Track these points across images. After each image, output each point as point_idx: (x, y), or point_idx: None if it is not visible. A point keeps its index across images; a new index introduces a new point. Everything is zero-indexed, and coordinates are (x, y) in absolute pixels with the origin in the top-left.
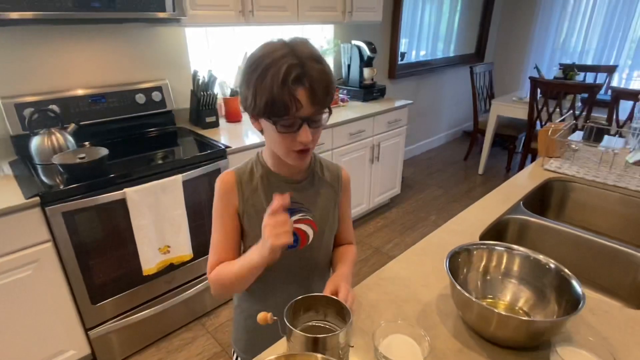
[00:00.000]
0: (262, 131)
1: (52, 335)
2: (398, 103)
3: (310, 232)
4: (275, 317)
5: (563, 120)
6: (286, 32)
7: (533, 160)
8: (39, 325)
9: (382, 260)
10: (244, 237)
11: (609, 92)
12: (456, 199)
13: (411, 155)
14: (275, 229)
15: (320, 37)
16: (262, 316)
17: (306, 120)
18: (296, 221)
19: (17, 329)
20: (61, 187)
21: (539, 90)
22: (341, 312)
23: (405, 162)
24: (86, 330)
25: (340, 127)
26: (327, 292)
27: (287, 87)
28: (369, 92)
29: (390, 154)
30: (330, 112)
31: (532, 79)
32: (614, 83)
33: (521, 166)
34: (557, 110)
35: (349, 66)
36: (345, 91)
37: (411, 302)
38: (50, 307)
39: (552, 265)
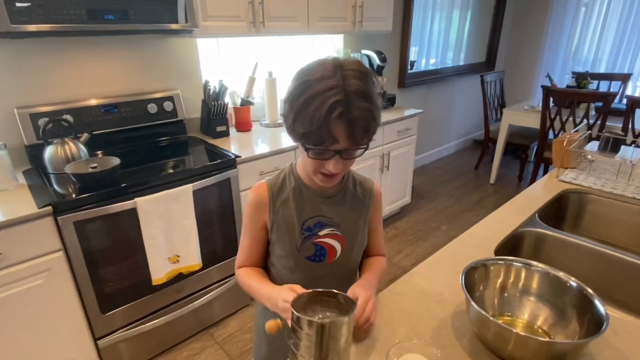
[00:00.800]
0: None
1: (62, 344)
2: (408, 112)
3: (338, 246)
4: (284, 322)
5: (577, 130)
6: (297, 42)
7: (546, 169)
8: (48, 334)
9: (393, 271)
10: (272, 245)
11: (624, 100)
12: (467, 208)
13: (421, 164)
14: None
15: (330, 46)
16: (272, 324)
17: (339, 153)
18: (325, 235)
19: (27, 337)
20: (73, 196)
21: (551, 99)
22: (348, 308)
23: (415, 171)
24: (95, 339)
25: None
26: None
27: (327, 123)
28: None
29: (400, 163)
30: (366, 148)
31: (544, 87)
32: (629, 91)
33: (534, 175)
34: (570, 119)
35: None
36: None
37: (425, 318)
38: (60, 316)
39: (574, 284)
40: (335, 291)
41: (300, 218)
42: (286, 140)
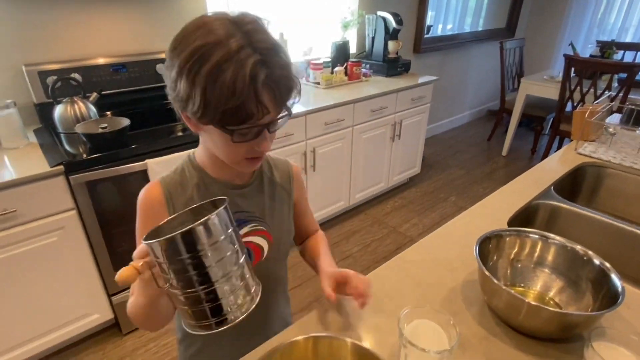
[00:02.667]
0: (199, 133)
1: (78, 299)
2: (422, 79)
3: (264, 244)
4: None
5: (599, 102)
6: (309, 2)
7: (561, 142)
8: (65, 289)
9: (399, 239)
10: None
11: None
12: (477, 180)
13: (433, 134)
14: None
15: (344, 7)
16: (125, 271)
17: (266, 127)
18: (246, 234)
19: (45, 292)
20: (84, 156)
21: (572, 69)
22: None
23: (426, 140)
24: (109, 296)
25: (361, 103)
26: (329, 288)
27: (254, 91)
28: (392, 66)
29: (411, 132)
30: (289, 114)
31: (566, 56)
32: None
33: (548, 148)
34: (591, 91)
35: (372, 39)
36: (367, 65)
37: (436, 286)
38: (75, 273)
39: (591, 257)
40: (202, 202)
41: None
42: (295, 105)
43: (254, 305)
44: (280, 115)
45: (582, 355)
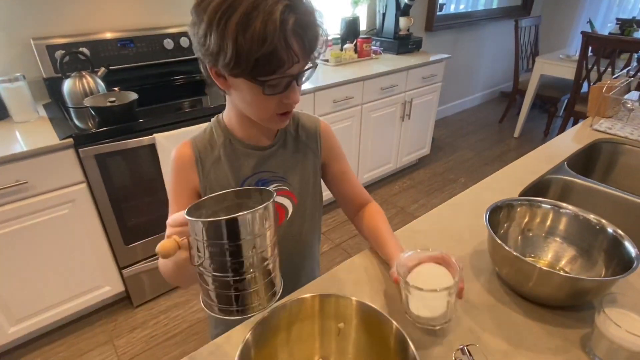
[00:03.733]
0: (228, 92)
1: (90, 272)
2: (434, 57)
3: (288, 204)
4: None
5: (617, 77)
6: None
7: (575, 124)
8: (77, 261)
9: (407, 219)
10: None
11: None
12: (488, 162)
13: (443, 116)
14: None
15: None
16: (166, 244)
17: (295, 78)
18: None
19: (58, 265)
20: (93, 129)
21: (590, 48)
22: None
23: (437, 122)
24: (120, 269)
25: (371, 80)
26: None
27: (284, 37)
28: (403, 44)
29: (422, 111)
30: (315, 66)
31: (584, 33)
32: None
33: (561, 130)
34: (609, 70)
35: (383, 15)
36: (378, 42)
37: None
38: (86, 246)
39: (604, 225)
40: (248, 187)
41: (237, 178)
42: (312, 81)
43: (273, 303)
44: (307, 67)
45: (592, 323)
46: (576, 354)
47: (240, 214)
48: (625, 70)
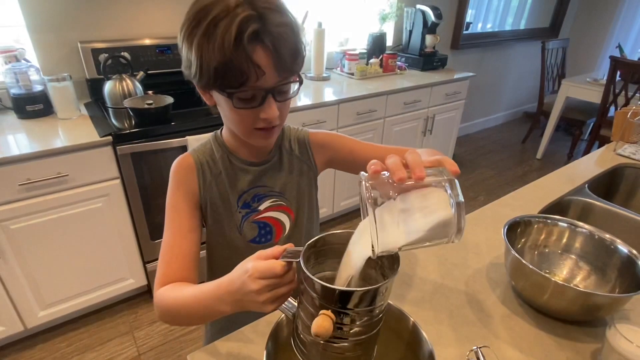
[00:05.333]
0: (215, 105)
1: (116, 264)
2: (459, 75)
3: (285, 219)
4: (291, 257)
5: None
6: None
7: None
8: (106, 253)
9: None
10: (208, 234)
11: None
12: (508, 182)
13: (465, 133)
14: (277, 291)
15: (383, 0)
16: (322, 322)
17: (270, 92)
18: (266, 209)
19: (88, 255)
20: (130, 129)
21: (618, 72)
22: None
23: (458, 139)
24: (144, 263)
25: (395, 95)
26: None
27: (242, 46)
28: (428, 60)
29: (444, 127)
30: (301, 82)
31: (612, 57)
32: None
33: (585, 154)
34: (637, 95)
35: (410, 32)
36: (403, 58)
37: (460, 267)
38: (116, 238)
39: (619, 245)
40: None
41: (234, 193)
42: (329, 94)
43: None
44: (288, 81)
45: (603, 339)
46: None
47: (373, 287)
48: None
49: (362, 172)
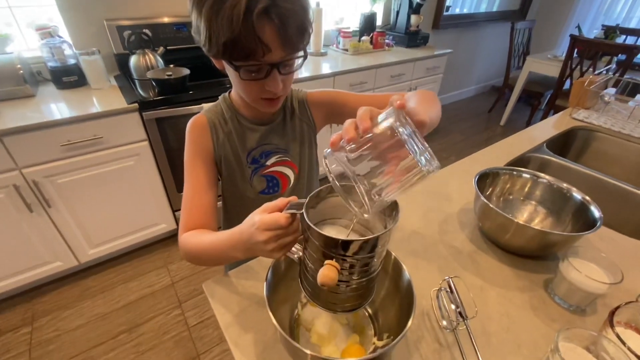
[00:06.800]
0: (223, 69)
1: (149, 212)
2: (438, 51)
3: (290, 173)
4: (295, 209)
5: (599, 73)
6: None
7: None
8: (140, 203)
9: None
10: (223, 185)
11: None
12: (475, 145)
13: (441, 104)
14: (282, 240)
15: None
16: (327, 272)
17: (276, 67)
18: (273, 164)
19: (125, 204)
20: (154, 97)
21: (576, 50)
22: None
23: None
24: (173, 211)
25: (383, 69)
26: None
27: (250, 23)
28: (412, 38)
29: None
30: (305, 56)
31: (572, 36)
32: None
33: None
34: (590, 70)
35: (397, 12)
36: (391, 36)
37: (435, 211)
38: (147, 191)
39: (574, 193)
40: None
41: (244, 150)
42: (326, 68)
43: (353, 311)
44: (293, 56)
45: (555, 270)
46: (539, 292)
47: (371, 237)
48: (605, 70)
49: (325, 150)
